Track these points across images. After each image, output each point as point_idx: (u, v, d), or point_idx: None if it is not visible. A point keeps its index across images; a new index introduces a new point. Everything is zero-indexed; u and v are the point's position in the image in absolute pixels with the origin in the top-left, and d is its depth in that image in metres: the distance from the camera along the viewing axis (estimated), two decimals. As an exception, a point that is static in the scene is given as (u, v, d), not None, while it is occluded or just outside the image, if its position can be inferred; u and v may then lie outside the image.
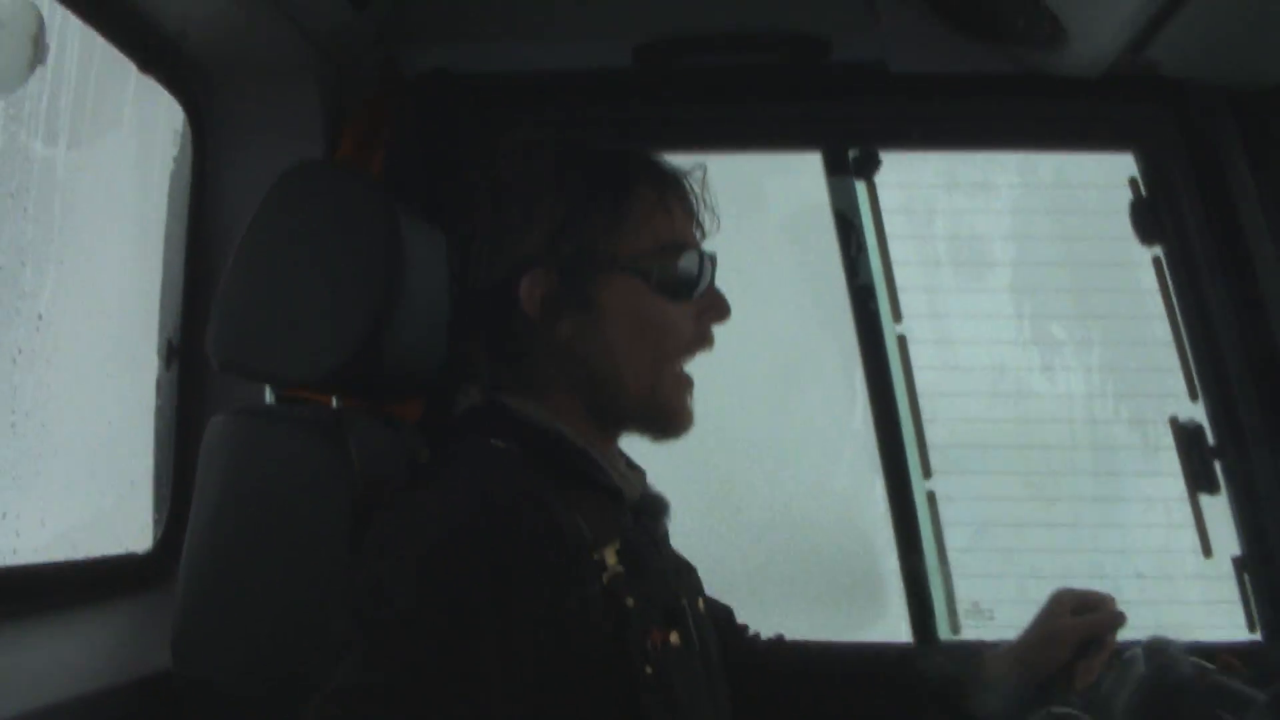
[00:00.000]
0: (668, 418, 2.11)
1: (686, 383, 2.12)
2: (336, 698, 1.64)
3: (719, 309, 2.13)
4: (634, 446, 2.22)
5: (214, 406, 2.49)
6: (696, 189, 2.16)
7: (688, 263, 2.08)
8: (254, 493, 2.14)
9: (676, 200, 2.12)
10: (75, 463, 2.68)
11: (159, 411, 2.85)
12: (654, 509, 2.19)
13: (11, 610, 2.29)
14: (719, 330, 2.14)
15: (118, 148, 2.84)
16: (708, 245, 2.16)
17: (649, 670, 1.87)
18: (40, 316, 2.50)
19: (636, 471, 2.20)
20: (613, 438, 2.14)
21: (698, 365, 2.15)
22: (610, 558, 1.90)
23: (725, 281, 2.15)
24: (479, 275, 2.12)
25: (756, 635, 2.51)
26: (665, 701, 1.88)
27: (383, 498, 1.95)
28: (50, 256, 2.58)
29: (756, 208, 3.71)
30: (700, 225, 2.16)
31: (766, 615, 2.52)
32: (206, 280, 2.82)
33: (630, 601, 1.89)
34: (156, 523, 2.81)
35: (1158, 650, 2.24)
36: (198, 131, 2.91)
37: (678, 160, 2.17)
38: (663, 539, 2.21)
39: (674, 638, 1.96)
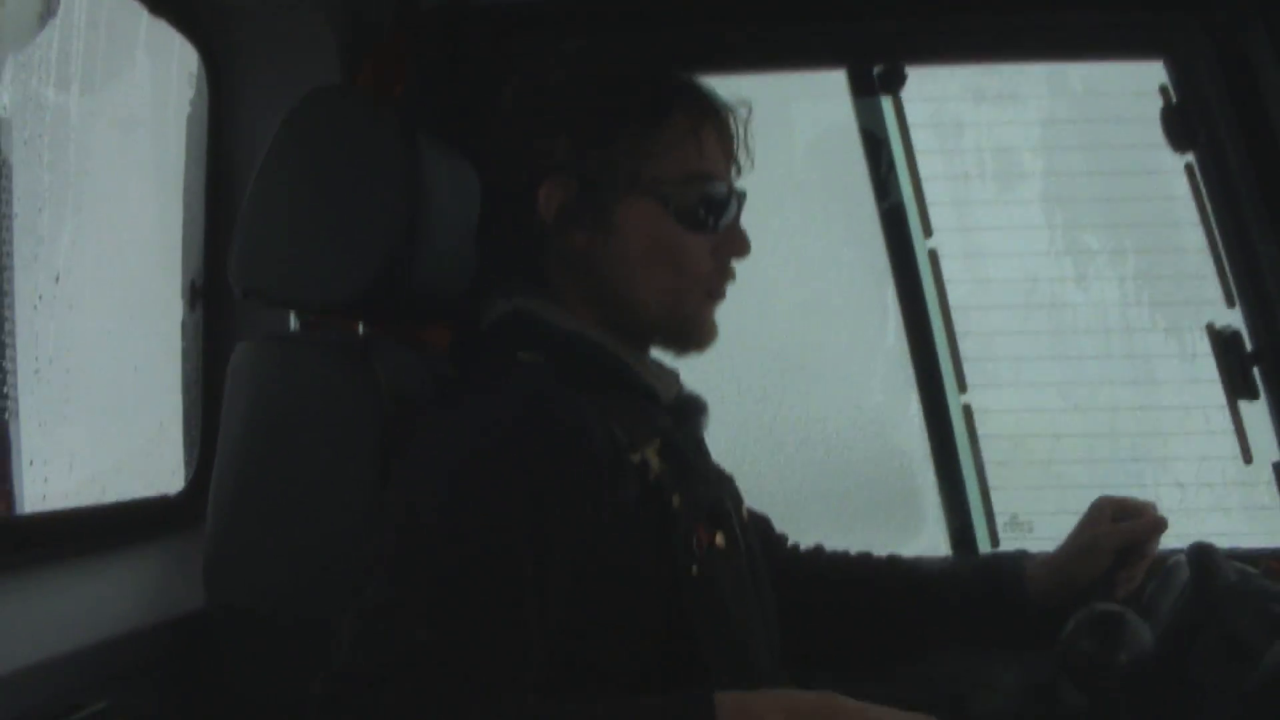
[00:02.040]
0: (689, 332, 2.09)
1: (709, 298, 2.10)
2: (371, 612, 1.63)
3: (739, 245, 2.09)
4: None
5: (239, 345, 2.48)
6: (738, 126, 2.13)
7: (711, 194, 2.05)
8: (281, 419, 2.13)
9: (712, 132, 2.09)
10: (102, 407, 2.68)
11: (185, 353, 2.84)
12: (692, 409, 2.17)
13: (43, 555, 2.29)
14: (756, 247, 2.11)
15: (132, 92, 2.83)
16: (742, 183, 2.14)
17: (694, 570, 1.86)
18: (58, 278, 2.49)
19: (668, 371, 2.17)
20: (637, 348, 2.11)
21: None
22: (652, 457, 1.89)
23: (755, 198, 2.13)
24: (500, 179, 2.12)
25: (796, 544, 2.50)
26: (710, 601, 1.87)
27: (411, 421, 1.93)
28: (68, 202, 2.57)
29: (782, 126, 3.69)
30: (735, 161, 2.13)
31: (803, 532, 2.51)
32: (227, 220, 2.79)
33: (675, 500, 1.88)
34: (187, 464, 2.81)
35: (1202, 555, 2.21)
36: (212, 72, 2.88)
37: (724, 93, 2.14)
38: (701, 444, 2.19)
39: (719, 539, 1.95)
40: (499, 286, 2.11)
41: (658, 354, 2.14)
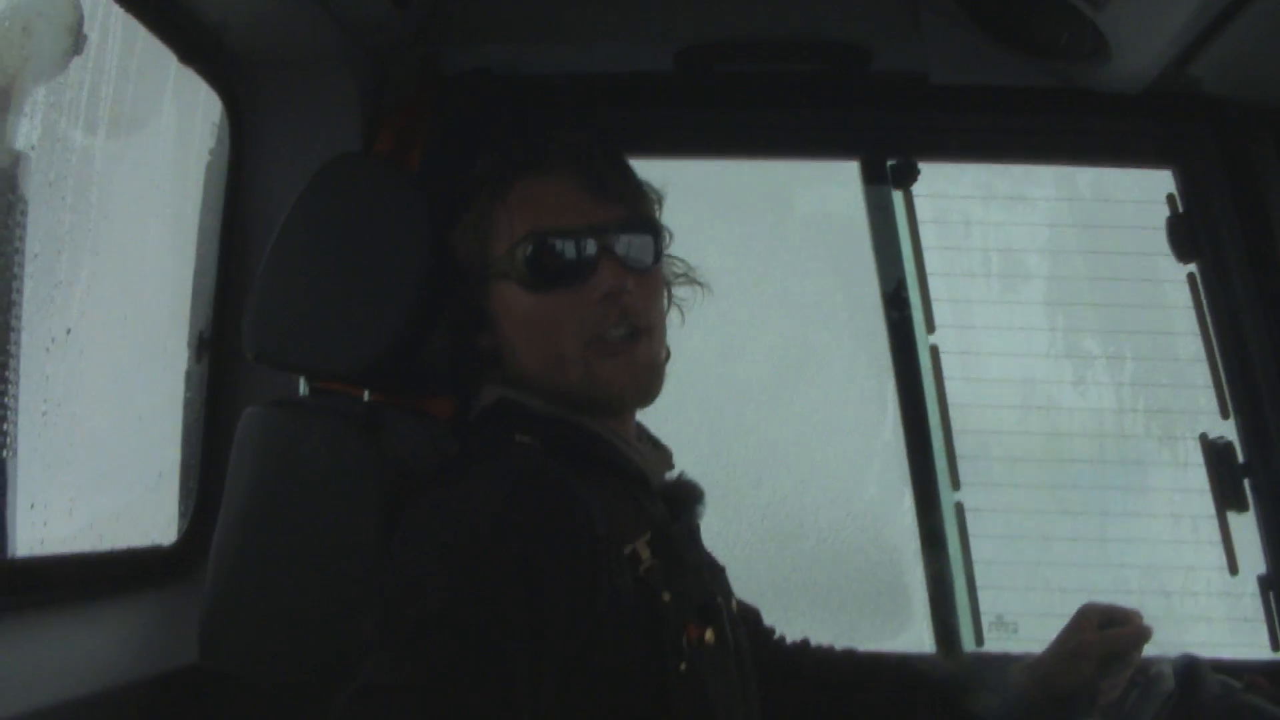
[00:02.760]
0: (591, 393, 2.02)
1: (614, 348, 2.00)
2: (363, 695, 1.62)
3: (610, 283, 1.98)
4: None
5: (244, 399, 2.49)
6: (595, 164, 2.05)
7: (551, 248, 1.98)
8: (286, 485, 2.13)
9: (560, 184, 2.03)
10: (104, 453, 2.68)
11: (188, 404, 2.84)
12: (687, 496, 2.15)
13: (38, 601, 2.28)
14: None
15: (156, 138, 2.84)
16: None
17: (682, 667, 1.85)
18: (69, 330, 2.50)
19: (662, 450, 2.17)
20: (617, 420, 2.10)
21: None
22: (643, 550, 1.89)
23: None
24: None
25: (783, 638, 2.51)
26: (696, 699, 1.86)
27: (413, 493, 1.93)
28: (85, 246, 2.58)
29: (788, 214, 3.71)
30: (615, 197, 2.04)
31: (791, 622, 2.52)
32: (240, 273, 2.82)
33: (666, 596, 1.87)
34: (183, 515, 2.80)
35: (1187, 669, 2.23)
36: (235, 124, 2.91)
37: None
38: (695, 534, 2.18)
39: (709, 635, 1.94)
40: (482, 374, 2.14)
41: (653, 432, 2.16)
